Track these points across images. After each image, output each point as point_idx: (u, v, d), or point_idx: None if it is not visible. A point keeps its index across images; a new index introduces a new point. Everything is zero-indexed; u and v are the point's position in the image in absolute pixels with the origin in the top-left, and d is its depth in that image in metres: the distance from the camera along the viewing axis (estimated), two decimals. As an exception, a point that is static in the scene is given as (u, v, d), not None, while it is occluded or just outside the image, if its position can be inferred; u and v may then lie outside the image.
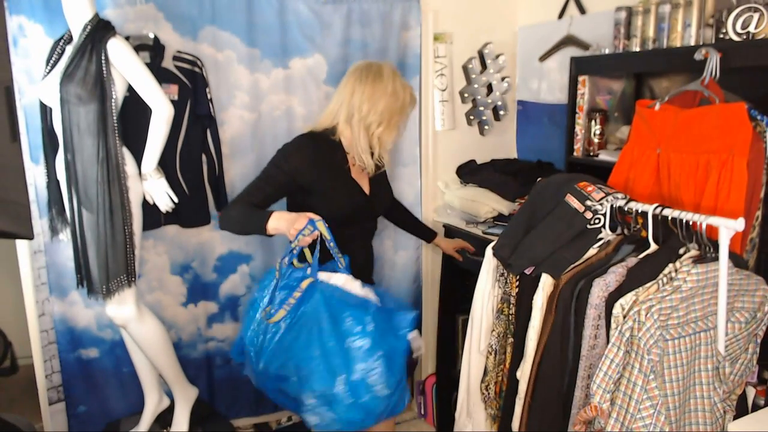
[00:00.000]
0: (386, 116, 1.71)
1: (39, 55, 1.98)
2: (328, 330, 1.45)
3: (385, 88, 1.70)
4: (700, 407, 1.36)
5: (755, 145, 1.47)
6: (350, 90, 1.73)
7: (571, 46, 2.48)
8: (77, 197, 1.82)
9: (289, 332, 1.48)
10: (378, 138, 1.74)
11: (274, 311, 1.49)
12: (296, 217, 1.60)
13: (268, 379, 1.51)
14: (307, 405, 1.43)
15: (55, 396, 2.29)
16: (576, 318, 1.45)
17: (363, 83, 1.71)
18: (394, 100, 1.72)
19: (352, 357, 1.45)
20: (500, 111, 2.86)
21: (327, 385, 1.43)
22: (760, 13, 1.61)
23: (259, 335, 1.55)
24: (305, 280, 1.52)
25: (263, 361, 1.50)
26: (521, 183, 2.45)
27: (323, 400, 1.43)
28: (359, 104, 1.71)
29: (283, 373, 1.45)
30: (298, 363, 1.44)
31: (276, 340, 1.47)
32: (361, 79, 1.72)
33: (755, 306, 1.38)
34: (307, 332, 1.46)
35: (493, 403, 1.75)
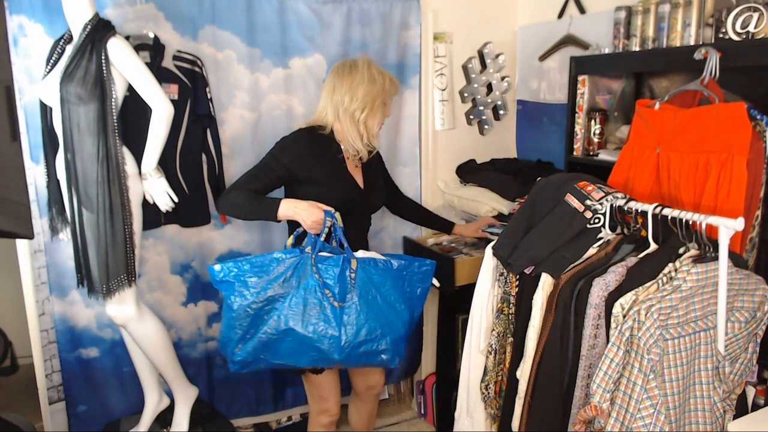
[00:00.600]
0: (368, 101, 1.82)
1: (39, 55, 1.98)
2: (381, 294, 1.73)
3: (361, 76, 1.82)
4: (699, 407, 1.36)
5: (755, 144, 1.47)
6: (331, 88, 1.85)
7: (570, 45, 2.48)
8: (77, 197, 1.82)
9: (363, 304, 1.70)
10: (364, 123, 1.84)
11: (340, 297, 1.67)
12: (310, 208, 1.73)
13: (353, 350, 1.68)
14: (384, 351, 1.71)
15: (55, 395, 2.29)
16: (576, 317, 1.45)
17: (341, 78, 1.83)
18: (372, 86, 1.82)
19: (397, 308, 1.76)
20: (500, 110, 2.86)
21: (399, 332, 1.72)
22: (759, 12, 1.61)
23: (331, 321, 1.67)
24: (352, 261, 1.71)
25: (350, 336, 1.67)
26: (521, 182, 2.45)
27: (394, 344, 1.72)
28: (341, 97, 1.82)
29: (369, 337, 1.68)
30: (375, 324, 1.69)
31: (358, 315, 1.68)
32: (338, 75, 1.84)
33: (755, 305, 1.38)
34: (372, 299, 1.72)
35: (493, 402, 1.75)
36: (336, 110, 1.84)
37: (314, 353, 1.68)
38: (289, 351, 1.68)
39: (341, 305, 1.67)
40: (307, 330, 1.65)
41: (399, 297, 1.75)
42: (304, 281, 1.68)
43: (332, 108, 1.84)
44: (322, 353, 1.67)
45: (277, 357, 1.69)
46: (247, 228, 2.42)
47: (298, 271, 1.69)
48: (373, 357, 1.71)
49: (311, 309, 1.66)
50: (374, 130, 1.87)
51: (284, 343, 1.67)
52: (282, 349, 1.68)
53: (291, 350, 1.68)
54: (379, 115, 1.86)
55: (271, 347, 1.68)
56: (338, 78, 1.84)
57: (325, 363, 1.73)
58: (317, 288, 1.67)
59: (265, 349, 1.68)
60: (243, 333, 1.67)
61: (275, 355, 1.69)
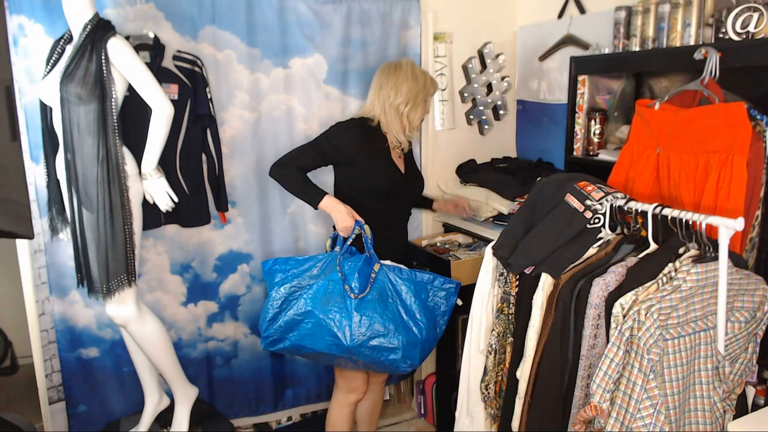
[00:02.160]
0: (411, 96, 2.03)
1: (39, 55, 1.98)
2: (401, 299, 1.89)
3: (405, 74, 2.03)
4: (699, 407, 1.36)
5: (755, 144, 1.47)
6: (378, 84, 2.06)
7: (570, 45, 2.48)
8: (77, 197, 1.82)
9: (380, 302, 1.86)
10: (407, 116, 2.05)
11: (358, 290, 1.85)
12: (346, 213, 1.96)
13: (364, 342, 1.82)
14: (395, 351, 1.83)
15: (55, 395, 2.29)
16: (576, 317, 1.45)
17: (387, 76, 2.05)
18: (415, 82, 2.03)
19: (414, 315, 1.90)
20: (500, 110, 2.86)
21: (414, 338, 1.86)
22: (759, 12, 1.61)
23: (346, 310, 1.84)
24: (376, 264, 1.91)
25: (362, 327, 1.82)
26: (521, 182, 2.45)
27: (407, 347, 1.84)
28: (387, 93, 2.03)
29: (380, 332, 1.82)
30: (388, 323, 1.83)
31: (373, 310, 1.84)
32: (385, 73, 2.06)
33: (755, 305, 1.38)
34: (391, 301, 1.88)
35: (493, 402, 1.75)
36: (383, 105, 2.04)
37: (329, 338, 1.83)
38: (308, 332, 1.86)
39: (357, 297, 1.84)
40: (324, 315, 1.83)
41: (420, 307, 1.89)
42: (330, 273, 1.89)
43: (380, 103, 2.04)
44: (336, 339, 1.82)
45: (298, 338, 1.88)
46: (247, 228, 2.42)
47: (326, 266, 1.93)
48: (384, 353, 1.83)
49: (331, 297, 1.85)
50: (415, 123, 2.08)
51: (305, 325, 1.86)
52: (303, 330, 1.87)
53: (310, 332, 1.86)
54: (420, 110, 2.06)
55: (294, 327, 1.88)
56: (385, 76, 2.05)
57: (339, 350, 1.84)
58: (339, 281, 1.86)
59: (289, 329, 1.88)
60: (275, 313, 1.90)
61: (297, 335, 1.88)
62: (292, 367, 2.63)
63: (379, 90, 2.05)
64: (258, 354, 2.55)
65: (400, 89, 2.01)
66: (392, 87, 2.02)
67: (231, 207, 2.37)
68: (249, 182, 2.39)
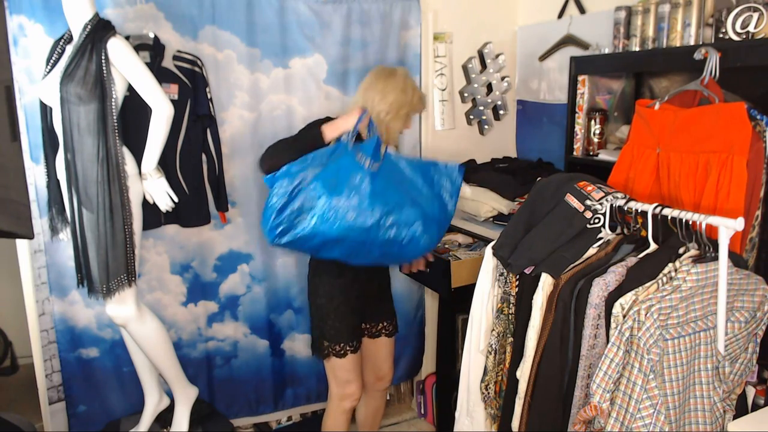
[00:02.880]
0: (395, 107, 1.95)
1: (39, 55, 1.98)
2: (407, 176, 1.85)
3: (396, 83, 1.96)
4: (699, 407, 1.36)
5: (755, 144, 1.47)
6: (367, 84, 1.99)
7: (570, 45, 2.48)
8: (77, 197, 1.82)
9: (390, 178, 1.81)
10: (386, 125, 1.97)
11: (370, 161, 1.79)
12: (346, 117, 1.89)
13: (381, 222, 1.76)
14: (414, 225, 1.78)
15: (55, 395, 2.29)
16: (576, 317, 1.45)
17: (377, 79, 1.98)
18: (403, 95, 1.96)
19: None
20: (500, 110, 2.86)
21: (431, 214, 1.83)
22: (759, 12, 1.61)
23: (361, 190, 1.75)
24: (382, 146, 1.84)
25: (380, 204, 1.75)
26: (521, 182, 2.45)
27: (427, 222, 1.81)
28: (372, 96, 1.95)
29: (393, 206, 1.77)
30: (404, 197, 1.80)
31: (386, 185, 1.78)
32: (377, 76, 1.99)
33: (755, 305, 1.38)
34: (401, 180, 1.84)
35: (493, 402, 1.75)
36: (365, 105, 1.95)
37: (344, 221, 1.73)
38: (321, 218, 1.73)
39: (372, 167, 1.78)
40: (338, 196, 1.74)
41: (428, 186, 1.86)
42: (340, 158, 1.79)
43: (363, 102, 1.97)
44: (352, 220, 1.73)
45: (309, 225, 1.74)
46: (247, 228, 2.42)
47: (336, 152, 1.82)
48: (402, 229, 1.77)
49: (343, 179, 1.75)
50: (395, 135, 2.02)
51: (317, 210, 1.74)
52: (315, 215, 1.74)
53: (322, 217, 1.73)
54: (401, 123, 2.00)
55: (307, 212, 1.75)
56: (376, 79, 1.98)
57: (355, 233, 1.74)
58: (350, 162, 1.78)
59: (300, 216, 1.75)
60: (283, 204, 1.75)
61: (308, 222, 1.74)
62: (292, 367, 2.63)
63: (365, 90, 1.98)
64: (258, 354, 2.55)
65: (386, 97, 1.94)
66: (379, 92, 1.95)
67: (231, 207, 2.37)
68: (249, 182, 2.39)
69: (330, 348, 2.01)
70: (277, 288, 2.53)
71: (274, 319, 2.56)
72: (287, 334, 2.59)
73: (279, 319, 2.57)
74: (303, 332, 2.60)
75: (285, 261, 2.51)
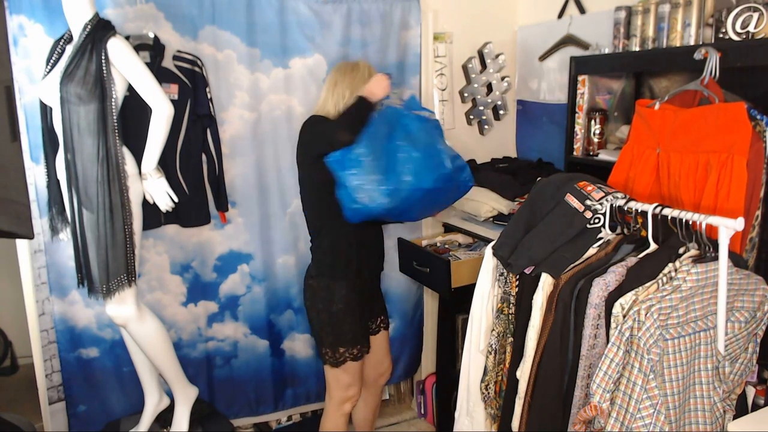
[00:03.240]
0: None
1: (39, 55, 1.98)
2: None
3: (362, 75, 1.99)
4: (699, 407, 1.36)
5: (755, 144, 1.47)
6: (333, 82, 2.00)
7: (570, 45, 2.48)
8: (77, 197, 1.82)
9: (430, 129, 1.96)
10: None
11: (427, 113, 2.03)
12: (378, 80, 1.95)
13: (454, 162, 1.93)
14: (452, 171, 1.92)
15: (55, 395, 2.29)
16: (576, 317, 1.45)
17: (343, 75, 1.99)
18: None
19: None
20: (500, 110, 2.86)
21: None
22: (759, 12, 1.61)
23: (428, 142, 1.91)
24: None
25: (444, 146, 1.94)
26: (521, 182, 2.45)
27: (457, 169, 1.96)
28: (342, 92, 1.96)
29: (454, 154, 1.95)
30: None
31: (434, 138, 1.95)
32: (341, 72, 2.00)
33: (755, 305, 1.38)
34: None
35: (493, 402, 1.75)
36: (336, 103, 1.96)
37: (434, 171, 1.86)
38: (415, 171, 1.83)
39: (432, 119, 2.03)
40: (421, 152, 1.87)
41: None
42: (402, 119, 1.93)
43: (333, 101, 1.97)
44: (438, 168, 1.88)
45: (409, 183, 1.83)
46: (247, 228, 2.42)
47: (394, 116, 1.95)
48: (462, 171, 1.98)
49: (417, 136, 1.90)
50: None
51: (412, 167, 1.84)
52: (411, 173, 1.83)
53: (416, 169, 1.83)
54: None
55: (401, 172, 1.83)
56: (341, 74, 1.99)
57: (442, 180, 1.88)
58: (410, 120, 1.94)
59: (391, 175, 1.82)
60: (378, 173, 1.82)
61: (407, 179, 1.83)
62: (291, 367, 2.63)
63: (333, 87, 1.98)
64: (258, 354, 2.55)
65: (356, 90, 1.95)
66: (347, 86, 1.96)
67: (231, 207, 2.37)
68: (249, 182, 2.39)
69: (348, 353, 1.99)
70: (277, 288, 2.53)
71: (274, 319, 2.56)
72: (287, 334, 2.59)
73: (279, 319, 2.57)
74: (303, 332, 2.60)
75: (285, 261, 2.51)
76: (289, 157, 2.41)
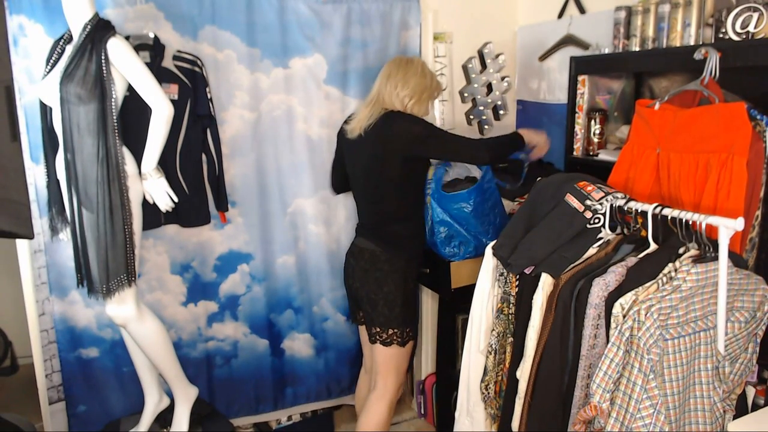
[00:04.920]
0: (417, 91, 2.04)
1: (39, 55, 1.98)
2: None
3: (415, 69, 2.06)
4: (699, 407, 1.36)
5: (755, 144, 1.47)
6: (386, 74, 2.07)
7: (570, 45, 2.48)
8: (77, 197, 1.82)
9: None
10: (411, 110, 2.05)
11: None
12: (544, 139, 2.16)
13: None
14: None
15: (55, 395, 2.29)
16: (576, 317, 1.45)
17: (397, 68, 2.06)
18: (423, 78, 2.06)
19: None
20: (500, 110, 2.86)
21: None
22: (759, 12, 1.61)
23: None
24: None
25: None
26: (521, 182, 2.45)
27: None
28: (395, 83, 2.04)
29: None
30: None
31: None
32: (395, 65, 2.07)
33: (755, 305, 1.38)
34: None
35: (493, 402, 1.75)
36: (390, 94, 2.03)
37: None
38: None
39: None
40: None
41: None
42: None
43: (387, 92, 2.04)
44: None
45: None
46: (247, 228, 2.42)
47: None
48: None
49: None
50: None
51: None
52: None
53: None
54: (423, 108, 2.08)
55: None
56: (396, 67, 2.06)
57: None
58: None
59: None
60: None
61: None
62: (291, 366, 2.63)
63: (387, 79, 2.05)
64: (258, 354, 2.55)
65: (408, 82, 2.02)
66: (401, 79, 2.02)
67: (231, 207, 2.37)
68: (249, 182, 2.39)
69: (412, 331, 2.13)
70: (277, 288, 2.53)
71: (273, 318, 2.56)
72: (287, 333, 2.59)
73: (279, 318, 2.57)
74: (303, 332, 2.60)
75: (285, 261, 2.51)
76: (289, 157, 2.41)
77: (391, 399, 2.15)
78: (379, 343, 2.09)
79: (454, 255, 2.14)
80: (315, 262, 2.54)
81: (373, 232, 2.11)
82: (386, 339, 2.08)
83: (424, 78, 2.06)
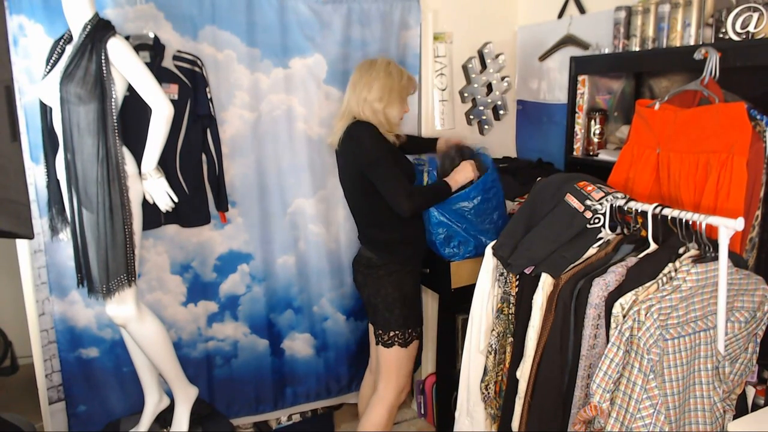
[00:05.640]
0: (385, 92, 1.98)
1: (39, 55, 1.98)
2: None
3: (377, 71, 1.99)
4: (699, 407, 1.36)
5: (755, 144, 1.47)
6: (353, 83, 2.03)
7: (570, 45, 2.48)
8: (77, 197, 1.82)
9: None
10: (384, 113, 2.00)
11: None
12: (466, 168, 2.08)
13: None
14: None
15: (55, 395, 2.29)
16: (576, 317, 1.45)
17: (361, 74, 2.02)
18: (388, 78, 1.99)
19: None
20: (500, 110, 2.86)
21: None
22: (759, 12, 1.61)
23: None
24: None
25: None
26: (521, 182, 2.45)
27: None
28: (360, 90, 1.99)
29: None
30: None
31: None
32: (359, 71, 2.03)
33: (755, 305, 1.38)
34: None
35: (493, 402, 1.75)
36: (358, 102, 1.99)
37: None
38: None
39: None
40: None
41: None
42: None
43: (355, 101, 2.00)
44: None
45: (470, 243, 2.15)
46: (247, 228, 2.42)
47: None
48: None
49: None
50: (394, 121, 2.03)
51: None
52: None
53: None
54: (397, 107, 2.01)
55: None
56: (358, 74, 2.03)
57: None
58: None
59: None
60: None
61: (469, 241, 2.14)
62: (291, 366, 2.64)
63: (353, 87, 2.01)
64: (258, 354, 2.55)
65: (372, 86, 1.97)
66: (365, 84, 1.98)
67: (231, 207, 2.37)
68: (249, 182, 2.39)
69: (415, 332, 2.12)
70: (277, 288, 2.53)
71: (273, 318, 2.56)
72: (287, 333, 2.59)
73: (279, 318, 2.57)
74: (303, 332, 2.60)
75: (285, 261, 2.51)
76: (289, 156, 2.41)
77: (391, 403, 2.14)
78: (382, 345, 2.10)
79: (454, 255, 2.14)
80: (315, 262, 2.55)
81: (367, 240, 2.13)
82: (387, 341, 2.09)
83: (389, 77, 1.99)
